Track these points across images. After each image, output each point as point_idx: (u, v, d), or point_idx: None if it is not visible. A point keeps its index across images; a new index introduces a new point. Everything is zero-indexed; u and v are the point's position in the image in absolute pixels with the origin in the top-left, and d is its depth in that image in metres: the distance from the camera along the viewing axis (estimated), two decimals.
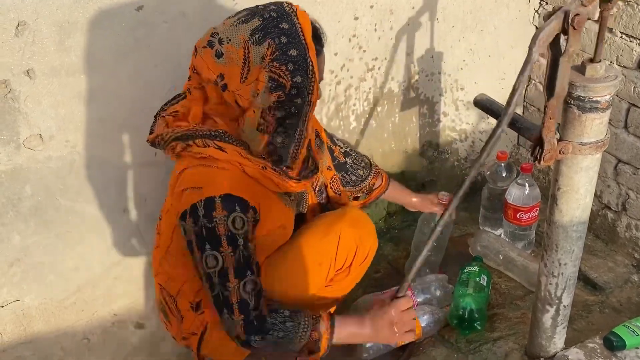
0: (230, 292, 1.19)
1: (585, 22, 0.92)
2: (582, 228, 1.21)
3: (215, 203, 1.15)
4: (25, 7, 1.30)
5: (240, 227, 1.18)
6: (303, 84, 1.14)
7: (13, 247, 1.55)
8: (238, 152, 1.19)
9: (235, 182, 1.18)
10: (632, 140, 1.70)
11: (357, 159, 1.62)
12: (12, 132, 1.42)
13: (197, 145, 1.19)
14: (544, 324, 1.37)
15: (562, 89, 0.99)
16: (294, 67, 1.12)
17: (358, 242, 1.39)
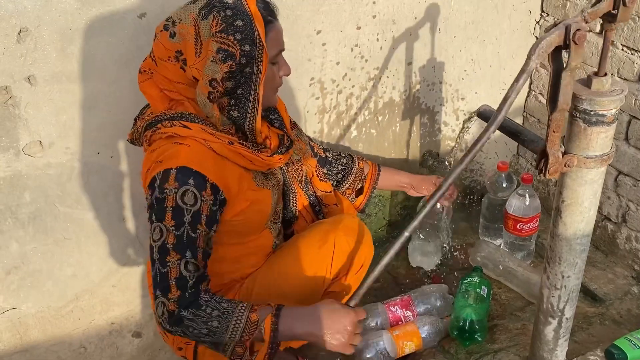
0: (169, 269, 1.14)
1: (586, 38, 0.92)
2: (586, 241, 1.21)
3: (170, 174, 1.15)
4: (28, 14, 1.30)
5: (190, 203, 1.15)
6: (251, 52, 1.16)
7: (11, 255, 1.54)
8: (203, 129, 1.20)
9: (196, 156, 1.18)
10: (632, 153, 1.70)
11: (335, 152, 1.63)
12: (12, 138, 1.41)
13: (164, 127, 1.21)
14: (546, 336, 1.36)
15: (565, 103, 0.99)
16: (241, 36, 1.15)
17: (354, 251, 1.39)
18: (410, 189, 1.71)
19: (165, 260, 1.15)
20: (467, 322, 1.60)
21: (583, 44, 0.91)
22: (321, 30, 1.62)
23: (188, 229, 1.15)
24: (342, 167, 1.60)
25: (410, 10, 1.72)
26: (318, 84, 1.69)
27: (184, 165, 1.15)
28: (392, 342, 1.58)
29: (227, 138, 1.21)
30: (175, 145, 1.18)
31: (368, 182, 1.63)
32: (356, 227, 1.41)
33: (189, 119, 1.21)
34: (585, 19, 0.92)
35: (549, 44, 0.95)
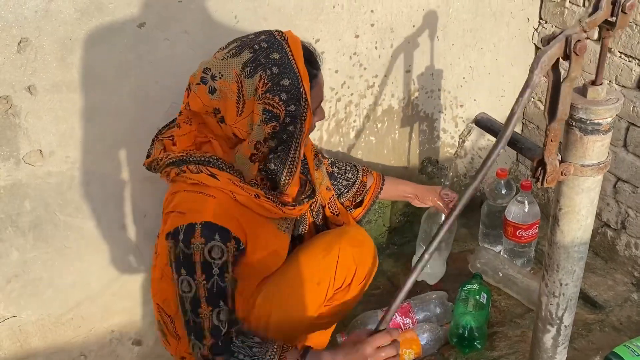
0: (202, 319, 1.17)
1: (586, 48, 0.92)
2: (584, 249, 1.21)
3: (195, 230, 1.14)
4: (28, 24, 1.31)
5: (217, 257, 1.16)
6: (296, 112, 1.15)
7: (11, 263, 1.54)
8: (231, 180, 1.19)
9: (220, 210, 1.17)
10: (631, 159, 1.71)
11: (341, 166, 1.62)
12: (12, 147, 1.42)
13: (190, 171, 1.19)
14: (545, 344, 1.36)
15: (564, 113, 0.99)
16: (287, 96, 1.13)
17: (358, 262, 1.39)
18: (414, 199, 1.71)
19: (198, 312, 1.17)
20: (466, 330, 1.61)
21: (583, 55, 0.92)
22: (320, 38, 1.63)
23: (217, 279, 1.18)
24: (346, 182, 1.60)
25: (409, 19, 1.73)
26: None
27: (209, 222, 1.15)
28: None
29: (253, 191, 1.20)
30: (200, 196, 1.17)
31: (369, 196, 1.64)
32: (361, 238, 1.41)
33: (217, 166, 1.19)
34: (583, 29, 0.92)
35: (550, 58, 0.95)
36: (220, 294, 1.18)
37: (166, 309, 1.41)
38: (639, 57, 1.60)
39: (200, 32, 1.47)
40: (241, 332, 1.21)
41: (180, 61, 1.48)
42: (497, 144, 1.00)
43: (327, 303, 1.40)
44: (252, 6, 1.51)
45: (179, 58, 1.48)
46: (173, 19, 1.44)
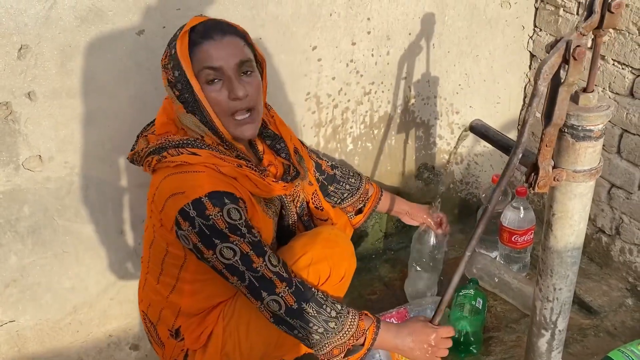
0: (261, 271, 1.20)
1: (585, 54, 0.94)
2: (577, 254, 1.22)
3: (204, 202, 1.16)
4: (29, 31, 1.32)
5: (237, 218, 1.18)
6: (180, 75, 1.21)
7: (10, 268, 1.55)
8: (211, 154, 1.22)
9: (214, 180, 1.20)
10: (625, 166, 1.72)
11: (344, 170, 1.64)
12: (11, 153, 1.43)
13: (171, 155, 1.22)
14: (539, 348, 1.37)
15: (560, 118, 1.01)
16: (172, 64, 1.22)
17: (331, 264, 1.36)
18: (404, 216, 1.73)
19: (254, 267, 1.20)
20: (462, 334, 1.62)
21: (582, 60, 0.94)
22: (317, 46, 1.64)
23: (250, 236, 1.20)
24: (349, 186, 1.62)
25: (405, 27, 1.75)
26: (314, 99, 1.72)
27: (212, 190, 1.17)
28: (388, 354, 1.59)
29: (235, 161, 1.23)
30: (189, 174, 1.19)
31: (369, 204, 1.65)
32: (336, 239, 1.40)
33: (195, 146, 1.22)
34: (581, 33, 0.94)
35: (551, 66, 0.97)
36: (260, 244, 1.21)
37: (150, 316, 1.42)
38: (632, 65, 1.62)
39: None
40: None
41: None
42: (515, 151, 1.05)
43: None
44: (250, 14, 1.53)
45: None
46: (172, 26, 1.45)
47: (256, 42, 1.31)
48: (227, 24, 1.25)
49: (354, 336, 1.27)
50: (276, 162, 1.37)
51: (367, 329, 1.29)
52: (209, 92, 1.21)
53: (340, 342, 1.26)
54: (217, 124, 1.23)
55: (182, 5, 1.45)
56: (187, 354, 1.36)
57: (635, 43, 1.59)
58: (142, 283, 1.41)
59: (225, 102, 1.22)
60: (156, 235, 1.29)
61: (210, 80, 1.21)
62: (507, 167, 1.09)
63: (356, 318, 1.28)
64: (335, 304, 1.27)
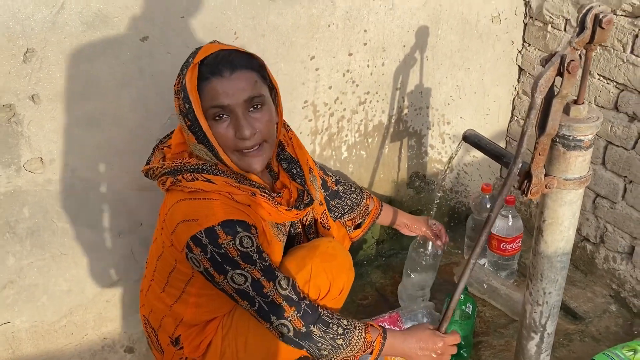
0: (271, 296, 1.23)
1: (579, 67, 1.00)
2: (566, 259, 1.28)
3: (217, 231, 1.18)
4: (35, 35, 1.35)
5: (249, 245, 1.21)
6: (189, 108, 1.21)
7: (7, 269, 1.56)
8: (227, 182, 1.23)
9: (228, 208, 1.22)
10: (609, 176, 1.79)
11: (347, 185, 1.67)
12: (13, 155, 1.45)
13: (186, 180, 1.23)
14: (529, 351, 1.42)
15: (553, 128, 1.06)
16: (182, 95, 1.22)
17: (331, 278, 1.38)
18: (403, 228, 1.77)
19: (264, 293, 1.23)
20: None
21: (576, 73, 0.99)
22: (315, 56, 1.69)
23: (261, 262, 1.23)
24: (351, 202, 1.65)
25: (400, 39, 1.81)
26: (311, 107, 1.76)
27: (225, 219, 1.19)
28: (381, 358, 1.62)
29: (249, 189, 1.25)
30: (204, 202, 1.21)
31: (369, 220, 1.69)
32: (334, 252, 1.41)
33: (211, 172, 1.23)
34: (574, 48, 1.00)
35: (547, 79, 1.02)
36: (270, 268, 1.24)
37: (151, 321, 1.43)
38: (616, 80, 1.69)
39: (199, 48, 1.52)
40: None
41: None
42: (515, 160, 1.10)
43: None
44: (252, 24, 1.57)
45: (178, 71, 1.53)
46: (175, 33, 1.49)
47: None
48: (240, 55, 1.23)
49: (362, 349, 1.33)
50: (291, 186, 1.38)
51: (374, 340, 1.34)
52: (216, 129, 1.21)
53: (348, 355, 1.32)
54: (225, 159, 1.24)
55: (185, 14, 1.48)
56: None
57: (620, 59, 1.66)
58: (145, 288, 1.42)
59: (232, 139, 1.22)
60: (165, 251, 1.31)
61: (218, 116, 1.21)
62: (508, 176, 1.14)
63: (363, 332, 1.33)
64: (341, 320, 1.31)
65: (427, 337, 1.40)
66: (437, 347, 1.40)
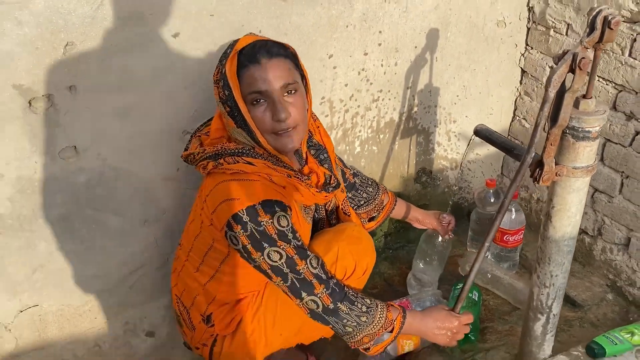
0: (303, 273, 1.32)
1: (589, 64, 1.10)
2: (572, 243, 1.38)
3: (257, 210, 1.27)
4: (75, 29, 1.42)
5: (285, 225, 1.30)
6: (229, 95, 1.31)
7: (38, 254, 1.62)
8: (265, 164, 1.33)
9: (267, 189, 1.31)
10: (607, 172, 1.90)
11: (363, 179, 1.77)
12: (49, 143, 1.52)
13: (227, 162, 1.32)
14: (535, 331, 1.52)
15: (564, 120, 1.17)
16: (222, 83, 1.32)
17: (356, 259, 1.48)
18: (415, 222, 1.88)
19: (297, 270, 1.32)
20: None
21: (587, 69, 1.09)
22: (333, 54, 1.78)
23: (295, 241, 1.32)
24: (367, 195, 1.75)
25: (412, 40, 1.91)
26: (328, 103, 1.85)
27: (265, 199, 1.28)
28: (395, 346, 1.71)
29: (285, 172, 1.35)
30: (245, 182, 1.30)
31: (383, 214, 1.79)
32: (359, 235, 1.52)
33: (250, 155, 1.33)
34: (585, 47, 1.10)
35: (560, 76, 1.12)
36: (302, 246, 1.34)
37: (184, 300, 1.51)
38: (615, 81, 1.80)
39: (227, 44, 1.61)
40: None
41: (207, 70, 1.61)
42: (529, 149, 1.19)
43: None
44: (275, 23, 1.66)
45: (206, 67, 1.61)
46: (204, 31, 1.57)
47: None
48: (275, 45, 1.33)
49: (383, 326, 1.41)
50: (319, 171, 1.47)
51: (394, 319, 1.43)
52: (254, 113, 1.31)
53: (371, 332, 1.41)
54: (262, 141, 1.33)
55: (215, 12, 1.57)
56: (215, 339, 1.46)
57: (619, 62, 1.77)
58: (179, 268, 1.50)
59: (269, 122, 1.32)
60: (203, 231, 1.39)
61: (256, 100, 1.31)
62: (522, 164, 1.23)
63: (384, 310, 1.42)
64: (365, 299, 1.40)
65: (443, 317, 1.49)
66: (452, 326, 1.49)
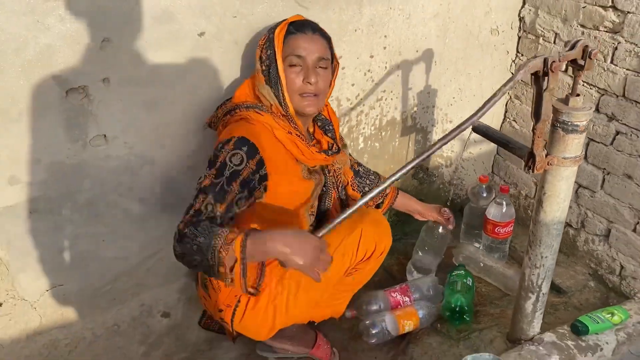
0: (195, 202, 1.36)
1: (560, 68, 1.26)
2: (561, 227, 1.53)
3: (231, 140, 1.44)
4: (113, 26, 1.55)
5: (235, 164, 1.41)
6: (271, 54, 1.53)
7: (65, 236, 1.73)
8: (272, 118, 1.52)
9: (257, 134, 1.47)
10: (590, 169, 2.07)
11: (365, 168, 1.93)
12: (82, 131, 1.63)
13: (241, 111, 1.53)
14: (526, 309, 1.67)
15: (546, 115, 1.32)
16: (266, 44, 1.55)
17: (377, 239, 1.65)
18: (417, 214, 2.02)
19: (197, 197, 1.38)
20: (457, 306, 1.90)
21: (558, 72, 1.25)
22: (342, 56, 1.93)
23: (224, 181, 1.39)
24: (370, 182, 1.91)
25: (414, 45, 2.06)
26: (336, 101, 1.99)
27: (244, 137, 1.45)
28: (395, 320, 1.85)
29: (288, 128, 1.53)
30: (244, 123, 1.50)
31: (387, 200, 1.95)
32: (380, 219, 1.69)
33: (262, 110, 1.52)
34: (559, 57, 1.26)
35: (532, 66, 1.27)
36: (220, 194, 1.37)
37: None
38: (597, 85, 1.97)
39: (247, 43, 1.75)
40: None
41: (228, 67, 1.75)
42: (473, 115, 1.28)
43: (350, 272, 1.67)
44: None
45: (227, 64, 1.74)
46: (227, 31, 1.70)
47: None
48: (319, 26, 1.58)
49: (223, 247, 1.27)
50: (323, 139, 1.66)
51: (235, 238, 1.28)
52: (289, 73, 1.52)
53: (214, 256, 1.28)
54: (287, 98, 1.52)
55: (237, 14, 1.70)
56: (239, 300, 1.58)
57: (601, 68, 1.95)
58: None
59: (299, 83, 1.52)
60: None
61: (293, 64, 1.52)
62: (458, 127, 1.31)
63: (225, 232, 1.29)
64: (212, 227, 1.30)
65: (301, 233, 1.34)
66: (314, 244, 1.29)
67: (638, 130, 1.88)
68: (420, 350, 1.83)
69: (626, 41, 1.86)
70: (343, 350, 1.85)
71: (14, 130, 1.53)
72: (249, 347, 1.83)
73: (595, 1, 1.93)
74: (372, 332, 1.84)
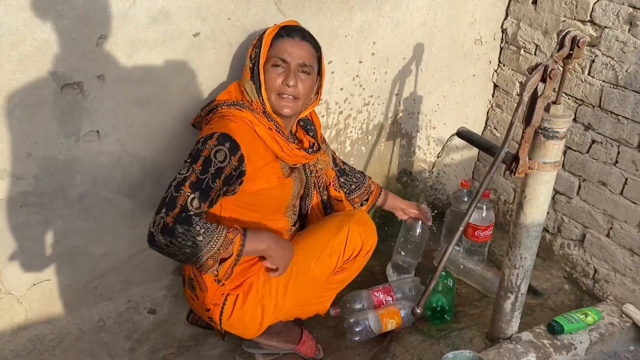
0: (180, 195, 1.37)
1: (558, 75, 1.33)
2: (540, 229, 1.60)
3: (214, 135, 1.47)
4: (109, 24, 1.57)
5: (219, 160, 1.44)
6: (256, 53, 1.59)
7: (56, 230, 1.74)
8: (253, 114, 1.56)
9: (238, 130, 1.51)
10: (567, 176, 2.16)
11: (351, 167, 1.99)
12: (75, 126, 1.65)
13: (222, 108, 1.57)
14: (505, 309, 1.73)
15: (537, 121, 1.39)
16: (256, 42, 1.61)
17: (364, 238, 1.70)
18: (398, 211, 2.06)
19: (180, 189, 1.39)
20: (438, 305, 1.96)
21: (555, 79, 1.32)
22: (332, 60, 1.98)
23: (209, 178, 1.43)
24: (356, 180, 1.96)
25: (401, 52, 2.13)
26: (324, 105, 2.04)
27: (226, 133, 1.48)
28: (378, 319, 1.90)
29: (268, 124, 1.57)
30: (226, 119, 1.53)
31: (372, 197, 2.00)
32: (366, 219, 1.73)
33: (243, 107, 1.57)
34: (555, 61, 1.33)
35: (533, 83, 1.34)
36: (205, 190, 1.41)
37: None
38: (575, 95, 2.06)
39: (240, 45, 1.78)
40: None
41: (222, 67, 1.78)
42: (503, 146, 1.36)
43: (337, 271, 1.71)
44: None
45: (220, 65, 1.78)
46: (221, 32, 1.74)
47: None
48: (310, 34, 1.64)
49: (223, 245, 1.41)
50: (305, 139, 1.72)
51: (234, 238, 1.43)
52: (270, 73, 1.58)
53: (211, 253, 1.40)
54: (264, 96, 1.57)
55: (232, 16, 1.74)
56: (226, 298, 1.62)
57: (579, 79, 2.04)
58: None
59: (278, 83, 1.58)
60: None
61: (277, 65, 1.58)
62: (496, 157, 1.42)
63: (224, 231, 1.41)
64: (206, 224, 1.39)
65: (281, 239, 1.58)
66: (286, 246, 1.57)
67: (613, 139, 1.97)
68: (402, 347, 1.88)
69: (603, 54, 1.95)
70: (327, 347, 1.89)
71: (8, 124, 1.55)
72: (235, 342, 1.86)
73: (574, 16, 2.02)
74: (356, 329, 1.88)
